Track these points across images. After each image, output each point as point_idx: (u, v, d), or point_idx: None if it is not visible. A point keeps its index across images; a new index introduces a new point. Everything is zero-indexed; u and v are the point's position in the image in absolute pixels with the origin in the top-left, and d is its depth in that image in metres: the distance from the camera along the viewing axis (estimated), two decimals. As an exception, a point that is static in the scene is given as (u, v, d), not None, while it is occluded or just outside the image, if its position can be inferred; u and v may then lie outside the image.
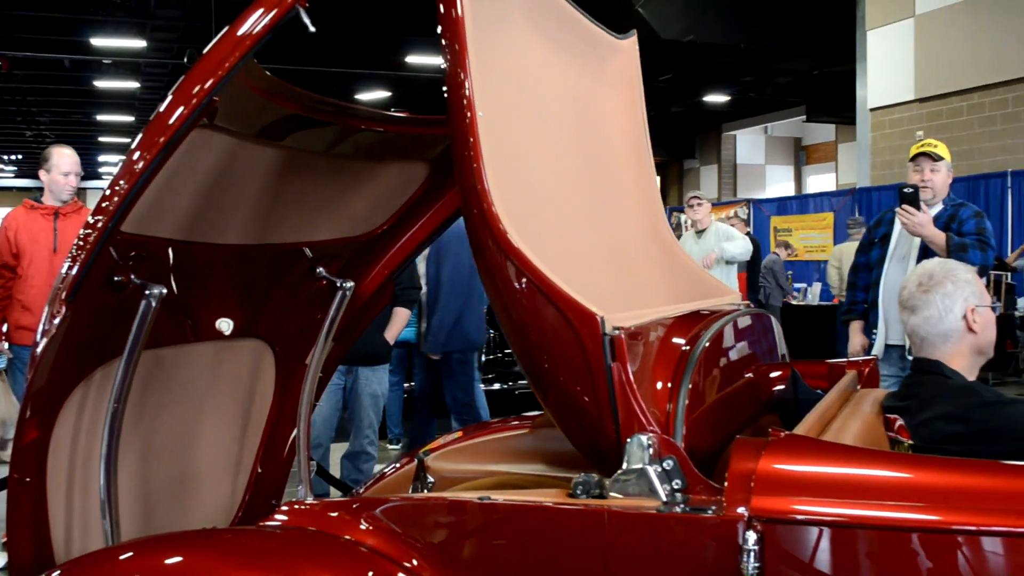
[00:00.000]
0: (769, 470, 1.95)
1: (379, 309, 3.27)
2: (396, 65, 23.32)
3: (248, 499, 3.15)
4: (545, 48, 2.69)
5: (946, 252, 4.95)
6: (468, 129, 2.16)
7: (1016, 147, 14.93)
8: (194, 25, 19.16)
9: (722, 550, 1.92)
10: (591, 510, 2.06)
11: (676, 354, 2.37)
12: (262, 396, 3.11)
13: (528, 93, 2.57)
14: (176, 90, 2.11)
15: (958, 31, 15.38)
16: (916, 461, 2.18)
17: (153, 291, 2.36)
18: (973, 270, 2.80)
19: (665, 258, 3.30)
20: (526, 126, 2.51)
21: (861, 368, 3.32)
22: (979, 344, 2.68)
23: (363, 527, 2.27)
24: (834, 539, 1.90)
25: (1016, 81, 14.69)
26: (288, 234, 2.82)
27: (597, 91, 3.07)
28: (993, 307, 2.74)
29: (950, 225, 5.22)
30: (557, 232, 2.53)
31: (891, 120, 16.86)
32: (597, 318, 2.09)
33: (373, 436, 6.08)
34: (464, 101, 2.18)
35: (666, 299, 3.03)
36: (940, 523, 1.85)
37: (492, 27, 2.34)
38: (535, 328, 2.19)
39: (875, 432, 2.58)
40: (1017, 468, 2.02)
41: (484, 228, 2.16)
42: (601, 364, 2.10)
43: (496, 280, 2.21)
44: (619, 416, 2.11)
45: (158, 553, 2.26)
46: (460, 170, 2.20)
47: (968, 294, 2.67)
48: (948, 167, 5.44)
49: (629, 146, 3.24)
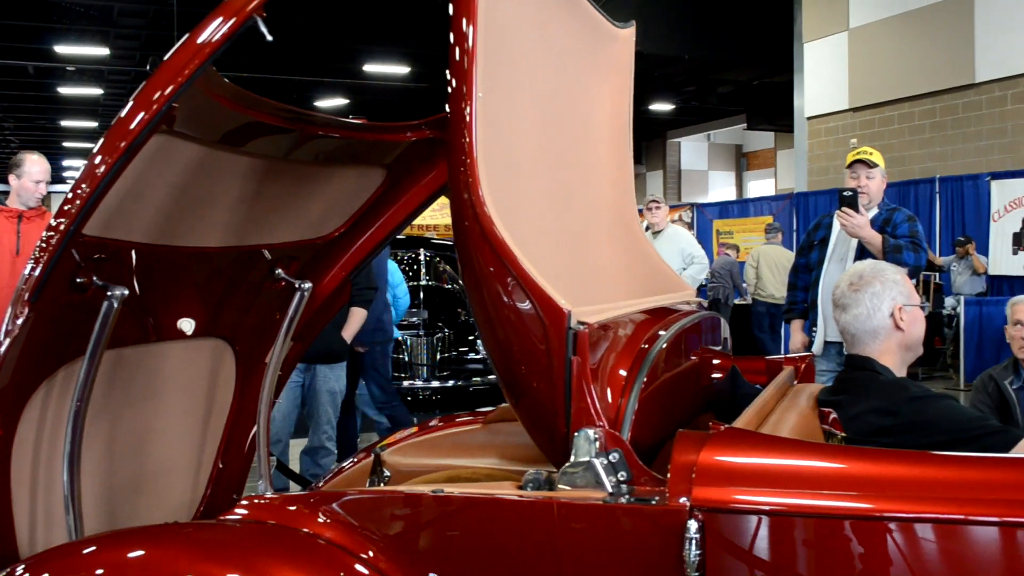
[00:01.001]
0: (709, 462, 1.97)
1: (337, 309, 3.25)
2: (354, 73, 23.25)
3: (210, 494, 3.13)
4: (545, 27, 2.66)
5: (882, 253, 5.02)
6: (466, 110, 2.15)
7: (943, 154, 15.17)
8: (156, 34, 19.00)
9: (665, 539, 1.93)
10: (540, 502, 2.06)
11: (633, 353, 2.38)
12: (223, 394, 3.09)
13: (525, 72, 2.54)
14: (137, 96, 2.09)
15: (889, 44, 15.60)
16: (849, 452, 2.20)
17: (115, 292, 2.33)
18: (902, 271, 2.83)
19: (630, 248, 3.30)
20: (519, 106, 2.49)
21: (798, 364, 3.35)
22: (907, 341, 2.71)
23: (321, 520, 2.26)
24: (772, 527, 1.91)
25: (943, 92, 14.93)
26: (248, 237, 2.80)
27: (589, 76, 3.04)
28: (922, 306, 2.77)
29: (885, 228, 5.29)
30: (530, 213, 2.51)
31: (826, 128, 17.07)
32: (565, 312, 2.09)
33: (331, 432, 6.06)
34: (466, 83, 2.17)
35: (627, 291, 3.03)
36: (872, 511, 1.87)
37: (500, 3, 2.33)
38: (505, 316, 2.18)
39: (810, 425, 2.60)
40: (943, 458, 2.05)
41: (470, 211, 2.15)
42: (562, 357, 2.10)
43: (474, 264, 2.19)
44: (571, 410, 2.11)
45: (121, 547, 2.23)
46: (453, 147, 2.19)
47: (896, 294, 2.70)
48: (882, 173, 5.51)
49: (611, 134, 3.23)
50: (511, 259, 2.12)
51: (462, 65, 2.17)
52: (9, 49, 19.86)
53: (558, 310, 2.10)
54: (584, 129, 3.04)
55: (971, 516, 1.83)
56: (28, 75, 22.62)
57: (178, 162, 2.39)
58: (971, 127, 14.81)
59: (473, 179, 2.14)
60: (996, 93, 14.40)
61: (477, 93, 2.16)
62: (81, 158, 34.86)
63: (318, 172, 2.82)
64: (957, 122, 15.03)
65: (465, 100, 2.16)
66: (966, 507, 1.84)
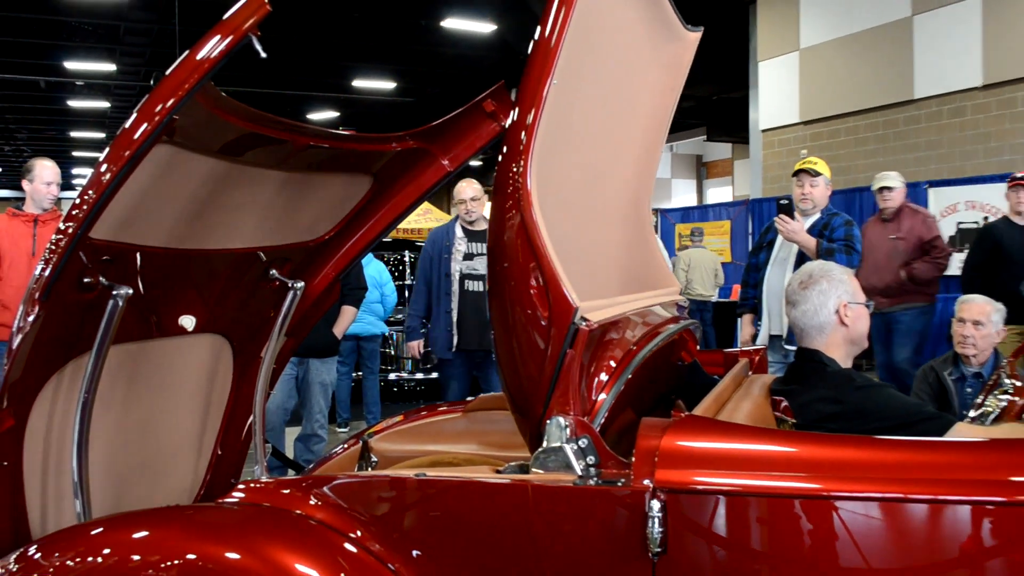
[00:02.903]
0: (671, 447, 1.97)
1: (327, 307, 3.24)
2: (344, 88, 23.20)
3: (209, 479, 3.11)
4: (623, 15, 2.59)
5: (816, 256, 5.05)
6: (539, 91, 2.11)
7: (886, 164, 15.23)
8: (160, 51, 18.89)
9: (631, 518, 1.94)
10: (515, 484, 2.06)
11: (621, 357, 2.39)
12: (221, 386, 3.07)
13: (596, 57, 2.44)
14: (140, 108, 2.07)
15: (836, 63, 15.68)
16: (799, 437, 2.21)
17: (120, 291, 2.32)
18: (849, 271, 2.85)
19: (638, 236, 3.24)
20: (582, 90, 2.40)
21: (752, 356, 3.36)
22: (851, 336, 2.72)
23: (312, 502, 2.25)
24: (728, 506, 1.92)
25: (886, 107, 15.01)
26: (244, 240, 2.79)
27: (648, 69, 2.95)
28: (866, 304, 2.79)
29: (823, 232, 5.32)
30: (562, 186, 2.42)
31: (780, 140, 17.14)
32: (573, 307, 2.07)
33: (323, 420, 6.06)
34: (546, 66, 2.12)
35: (630, 281, 2.99)
36: (820, 491, 1.88)
37: None
38: (518, 295, 2.14)
39: (763, 412, 2.62)
40: (885, 442, 2.07)
41: (514, 184, 2.11)
42: (559, 348, 2.09)
43: (503, 234, 2.15)
44: (551, 397, 2.11)
45: (126, 528, 2.22)
46: (516, 123, 2.14)
47: (842, 292, 2.71)
48: (826, 181, 5.53)
49: (649, 127, 3.14)
50: (538, 241, 2.09)
51: (547, 48, 2.13)
52: (22, 65, 19.73)
53: (567, 303, 2.08)
54: (627, 117, 2.95)
55: (909, 495, 1.84)
56: (40, 89, 22.44)
57: (179, 171, 2.38)
58: (911, 139, 14.89)
59: (525, 160, 2.10)
60: (933, 108, 14.49)
61: (553, 80, 2.11)
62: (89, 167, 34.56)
63: (309, 180, 2.81)
64: (898, 135, 15.11)
65: (540, 82, 2.11)
66: (905, 486, 1.85)
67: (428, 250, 6.10)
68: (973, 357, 4.50)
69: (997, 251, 6.64)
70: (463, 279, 5.90)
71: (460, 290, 5.88)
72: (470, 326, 5.89)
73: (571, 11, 2.13)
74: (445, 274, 5.94)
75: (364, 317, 8.11)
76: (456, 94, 20.56)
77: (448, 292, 5.91)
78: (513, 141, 2.13)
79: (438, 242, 6.05)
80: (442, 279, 5.95)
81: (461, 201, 6.00)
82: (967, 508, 1.82)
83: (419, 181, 2.99)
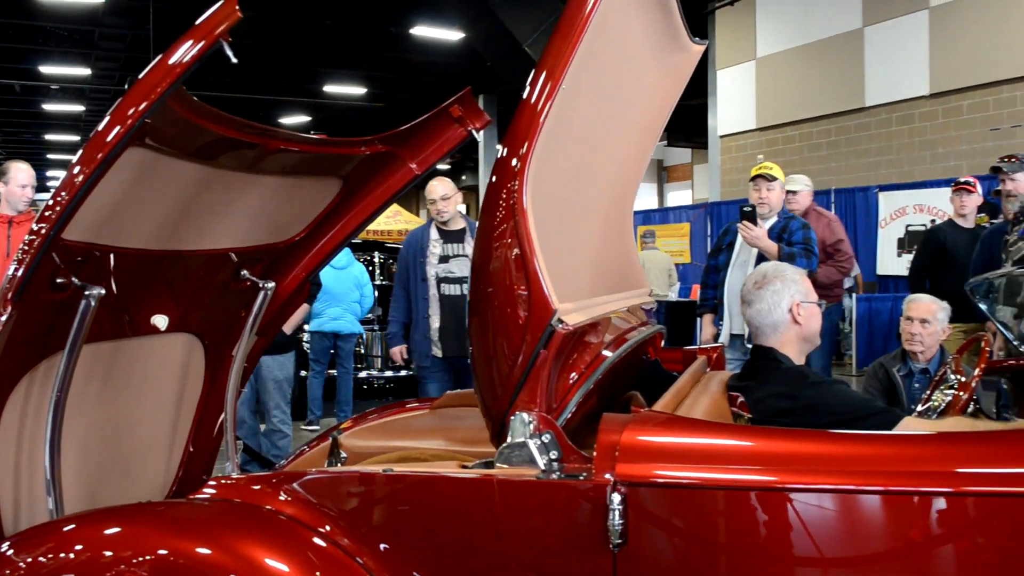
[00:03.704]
0: (631, 441, 1.98)
1: (297, 306, 3.22)
2: (315, 94, 23.11)
3: (181, 475, 3.08)
4: (632, 22, 2.54)
5: (777, 260, 5.08)
6: (546, 93, 2.08)
7: (838, 169, 15.42)
8: (134, 56, 18.72)
9: (592, 510, 1.94)
10: (480, 479, 2.06)
11: (591, 359, 2.39)
12: (193, 384, 3.04)
13: (603, 61, 2.36)
14: (113, 112, 2.05)
15: (791, 72, 15.82)
16: (754, 432, 2.22)
17: (92, 292, 2.29)
18: (802, 271, 2.86)
19: (618, 236, 3.20)
20: (586, 92, 2.33)
21: (710, 354, 3.38)
22: (804, 334, 2.74)
23: (282, 498, 2.23)
24: (686, 499, 1.93)
25: (838, 114, 15.18)
26: (216, 241, 2.77)
27: (650, 75, 2.89)
28: (818, 303, 2.81)
29: (782, 235, 5.36)
30: (555, 182, 2.36)
31: (737, 145, 17.27)
32: (552, 309, 2.06)
33: (283, 415, 5.99)
34: (556, 72, 2.09)
35: (607, 280, 2.96)
36: (774, 483, 1.90)
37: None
38: (501, 290, 2.12)
39: (721, 407, 2.63)
40: (836, 436, 2.08)
41: (511, 180, 2.07)
42: (533, 347, 2.08)
43: (493, 226, 2.11)
44: (519, 395, 2.11)
45: (98, 524, 2.20)
46: (521, 122, 2.10)
47: (795, 291, 2.73)
48: (782, 186, 5.57)
49: (643, 131, 3.08)
50: (525, 240, 2.07)
51: (560, 54, 2.09)
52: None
53: (546, 305, 2.06)
54: (623, 119, 2.89)
55: (860, 486, 1.86)
56: (15, 93, 22.16)
57: (151, 173, 2.35)
58: (862, 145, 15.06)
59: (524, 162, 2.07)
60: (883, 116, 14.66)
61: (562, 84, 2.08)
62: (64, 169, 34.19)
63: (281, 182, 2.79)
64: (850, 141, 15.27)
65: (550, 86, 2.08)
66: (856, 478, 1.87)
67: (404, 254, 5.78)
68: (920, 354, 4.55)
69: (942, 253, 6.71)
70: (439, 283, 5.57)
71: (438, 295, 5.56)
72: (453, 333, 5.54)
73: (587, 26, 2.09)
74: (421, 279, 5.61)
75: (344, 316, 8.06)
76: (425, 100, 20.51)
77: (425, 297, 5.58)
78: (514, 141, 2.10)
79: (413, 245, 5.71)
80: (419, 284, 5.63)
81: (432, 201, 5.64)
82: (915, 498, 1.84)
83: (387, 184, 2.98)
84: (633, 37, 2.60)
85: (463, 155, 30.42)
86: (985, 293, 3.51)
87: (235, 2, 1.98)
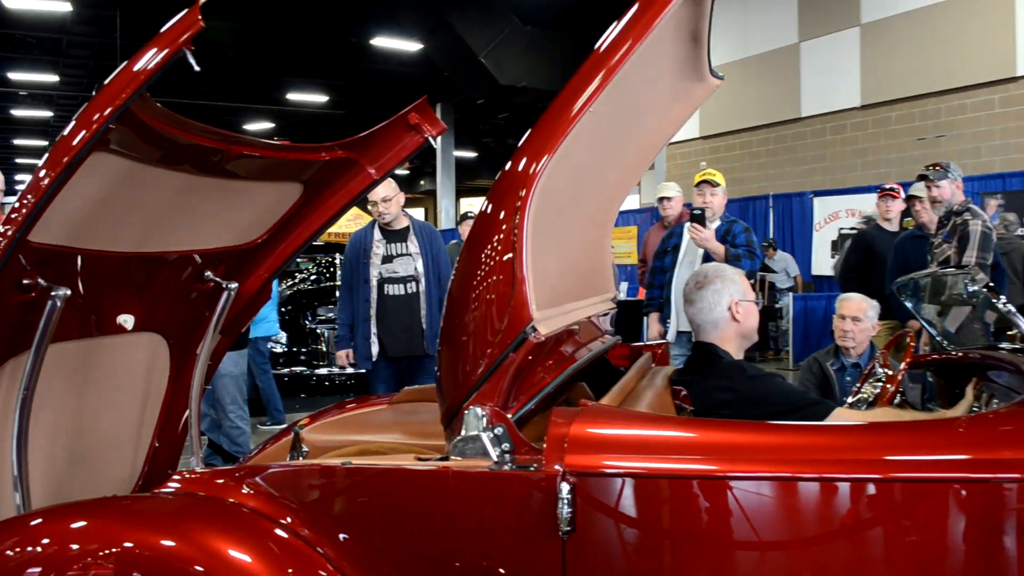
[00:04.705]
0: (579, 434, 1.98)
1: (260, 306, 3.18)
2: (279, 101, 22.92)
3: (147, 470, 3.03)
4: (664, 48, 2.48)
5: (724, 261, 5.13)
6: (575, 114, 2.06)
7: (776, 176, 15.63)
8: (102, 63, 18.41)
9: (543, 500, 1.94)
10: (436, 471, 2.05)
11: (553, 368, 2.39)
12: (158, 381, 2.99)
13: (630, 83, 2.29)
14: (78, 117, 2.01)
15: (732, 84, 15.97)
16: (696, 423, 2.24)
17: (59, 293, 2.24)
18: (740, 271, 2.89)
19: (597, 239, 3.16)
20: (608, 110, 2.26)
21: (655, 350, 3.40)
22: (743, 330, 2.76)
23: (245, 491, 2.21)
24: (632, 488, 1.93)
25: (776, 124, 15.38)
26: (181, 243, 2.73)
27: (665, 98, 2.84)
28: (756, 302, 2.84)
29: (726, 238, 5.41)
30: (557, 190, 2.30)
31: (681, 153, 17.43)
32: (529, 316, 2.05)
33: (239, 410, 5.88)
34: (590, 96, 2.07)
35: (578, 287, 2.90)
36: (716, 472, 1.91)
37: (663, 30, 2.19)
38: (484, 286, 2.11)
39: (664, 401, 2.64)
40: (773, 427, 2.11)
41: (520, 189, 2.06)
42: (503, 349, 2.08)
43: (490, 223, 2.10)
44: (478, 391, 2.10)
45: (65, 519, 2.15)
46: (541, 133, 2.08)
47: (734, 291, 2.75)
48: (724, 191, 5.63)
49: (642, 147, 3.01)
50: (521, 243, 2.05)
51: (590, 77, 2.07)
52: (-35, 76, 19.06)
53: (525, 311, 2.05)
54: (631, 137, 2.84)
55: (796, 473, 1.88)
56: (-16, 99, 21.70)
57: (117, 177, 2.31)
58: (798, 153, 15.27)
59: (537, 172, 2.06)
60: (818, 126, 14.88)
61: (590, 107, 2.06)
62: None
63: (243, 187, 2.76)
64: (787, 149, 15.49)
65: (581, 103, 2.06)
66: (792, 466, 1.89)
67: (348, 255, 5.52)
68: (852, 349, 4.62)
69: (870, 255, 6.83)
70: (382, 284, 5.33)
71: (380, 296, 5.32)
72: (394, 332, 5.32)
73: (633, 53, 2.07)
74: (364, 280, 5.36)
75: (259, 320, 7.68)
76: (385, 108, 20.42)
77: (367, 299, 5.32)
78: (534, 150, 2.08)
79: (357, 246, 5.45)
80: (361, 285, 5.37)
81: (374, 203, 5.33)
82: (847, 485, 1.87)
83: (347, 188, 2.96)
84: (662, 64, 2.57)
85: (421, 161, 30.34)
86: (911, 292, 3.57)
87: (198, 12, 1.95)
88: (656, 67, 2.55)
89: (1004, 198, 11.01)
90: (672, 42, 2.52)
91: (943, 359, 3.20)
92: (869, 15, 13.82)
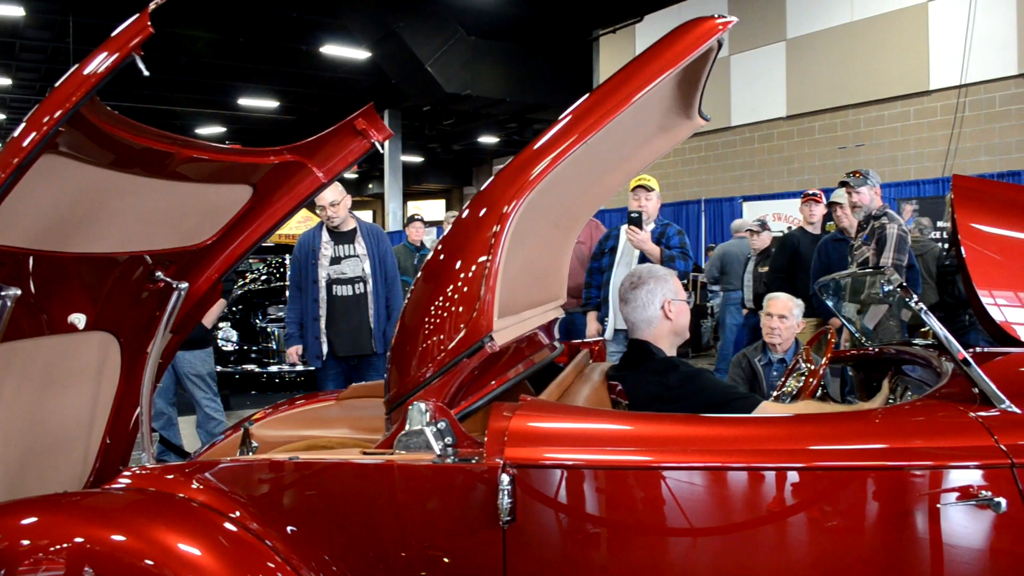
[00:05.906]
0: (519, 427, 1.99)
1: (210, 306, 3.13)
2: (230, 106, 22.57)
3: (98, 466, 2.96)
4: (670, 86, 2.50)
5: (659, 262, 5.18)
6: (571, 143, 2.10)
7: (708, 181, 15.82)
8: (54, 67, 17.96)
9: (484, 491, 1.94)
10: (381, 464, 2.04)
11: (501, 374, 2.40)
12: (109, 379, 2.93)
13: (628, 115, 2.25)
14: (29, 119, 1.96)
15: (666, 94, 16.15)
16: (631, 417, 2.26)
17: (8, 292, 2.18)
18: (672, 272, 2.92)
19: (558, 245, 3.14)
20: (604, 138, 2.23)
21: (592, 347, 3.42)
22: (675, 328, 2.78)
23: (195, 486, 2.18)
24: (570, 478, 1.95)
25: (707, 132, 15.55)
26: (131, 244, 2.67)
27: (652, 130, 2.83)
28: (687, 301, 2.87)
29: (661, 240, 5.46)
30: (533, 209, 2.28)
31: (619, 159, 17.48)
32: (491, 327, 2.06)
33: (213, 404, 5.80)
34: (592, 128, 2.10)
35: (535, 293, 2.90)
36: (649, 463, 1.93)
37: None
38: (450, 289, 2.11)
39: (601, 395, 2.66)
40: (703, 419, 2.14)
41: (507, 204, 2.06)
42: (458, 353, 2.08)
43: (468, 228, 2.10)
44: (426, 386, 2.10)
45: (16, 514, 2.11)
46: (541, 153, 2.10)
47: (666, 290, 2.77)
48: (658, 195, 5.68)
49: (626, 171, 2.99)
50: (496, 253, 2.05)
51: (604, 112, 2.10)
52: (-84, 78, 18.44)
53: (487, 321, 2.06)
54: (615, 161, 2.84)
55: (725, 463, 1.91)
56: (-65, 101, 21.02)
57: (67, 178, 2.25)
58: (728, 160, 15.49)
59: (527, 188, 2.07)
60: (747, 134, 15.11)
61: (590, 139, 2.09)
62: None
63: (194, 189, 2.71)
64: (718, 156, 15.69)
65: (578, 135, 2.10)
66: (721, 456, 1.93)
67: (297, 256, 5.44)
68: (778, 345, 4.69)
69: (795, 256, 6.95)
70: (331, 284, 5.28)
71: (328, 296, 5.26)
72: (343, 332, 5.28)
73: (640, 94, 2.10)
74: (313, 281, 5.30)
75: None
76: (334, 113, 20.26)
77: (316, 299, 5.27)
78: (528, 167, 2.09)
79: (305, 247, 5.38)
80: (310, 286, 5.31)
81: (322, 208, 5.27)
82: (773, 474, 1.90)
83: (295, 191, 2.93)
84: (660, 101, 2.60)
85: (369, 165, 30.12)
86: (832, 291, 3.64)
87: (147, 18, 1.92)
88: (653, 106, 2.58)
89: (919, 203, 11.32)
90: (673, 84, 2.55)
91: (861, 354, 3.27)
92: (794, 31, 14.07)
